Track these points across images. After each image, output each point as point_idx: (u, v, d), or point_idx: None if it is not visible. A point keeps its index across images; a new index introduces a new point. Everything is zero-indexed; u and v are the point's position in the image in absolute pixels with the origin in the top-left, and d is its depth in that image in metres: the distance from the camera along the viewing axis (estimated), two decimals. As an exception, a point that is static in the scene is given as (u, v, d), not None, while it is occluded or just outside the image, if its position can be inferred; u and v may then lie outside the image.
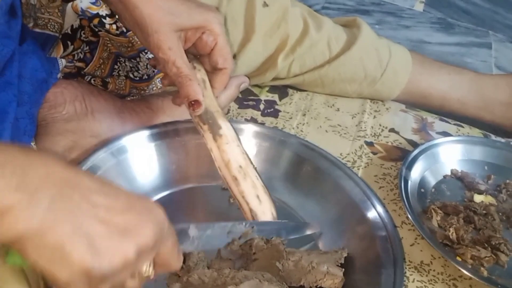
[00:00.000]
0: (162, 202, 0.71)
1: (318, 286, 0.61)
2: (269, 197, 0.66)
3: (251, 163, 0.67)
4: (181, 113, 0.81)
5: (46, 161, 0.40)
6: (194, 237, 0.60)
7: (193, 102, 0.64)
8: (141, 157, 0.73)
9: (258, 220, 0.64)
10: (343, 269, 0.61)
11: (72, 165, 0.42)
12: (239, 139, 0.67)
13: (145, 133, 0.74)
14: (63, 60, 0.75)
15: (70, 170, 0.41)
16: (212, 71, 0.69)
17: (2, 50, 0.60)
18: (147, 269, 0.47)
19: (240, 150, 0.66)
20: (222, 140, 0.66)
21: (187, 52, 0.66)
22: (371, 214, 0.68)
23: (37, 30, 0.73)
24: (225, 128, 0.66)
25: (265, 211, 0.65)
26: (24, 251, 0.39)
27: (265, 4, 0.89)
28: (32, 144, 0.67)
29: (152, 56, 0.78)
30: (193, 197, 0.74)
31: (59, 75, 0.74)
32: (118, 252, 0.41)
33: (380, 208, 0.68)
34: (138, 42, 0.77)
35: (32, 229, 0.38)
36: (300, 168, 0.75)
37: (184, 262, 0.63)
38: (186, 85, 0.63)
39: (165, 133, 0.75)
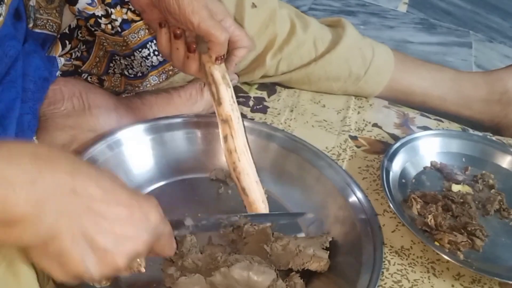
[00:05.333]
0: (154, 193, 0.75)
1: (305, 269, 0.64)
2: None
3: None
4: (173, 109, 0.85)
5: (53, 171, 0.42)
6: (190, 226, 0.64)
7: (222, 57, 0.67)
8: (135, 151, 0.76)
9: (251, 194, 0.68)
10: (328, 252, 0.65)
11: (79, 171, 0.44)
12: None
13: (140, 127, 0.78)
14: (62, 59, 0.78)
15: (77, 178, 0.43)
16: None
17: (9, 52, 0.64)
18: (138, 266, 0.51)
19: None
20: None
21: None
22: (352, 200, 0.72)
23: (36, 30, 0.76)
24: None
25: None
26: (29, 254, 0.44)
27: (254, 5, 0.93)
28: (34, 138, 0.70)
29: (146, 54, 0.82)
30: (184, 188, 0.78)
31: (57, 73, 0.78)
32: (109, 263, 0.45)
33: (359, 194, 0.72)
34: (133, 41, 0.80)
35: (37, 240, 0.42)
36: (285, 159, 0.79)
37: (177, 248, 0.67)
38: (223, 40, 0.65)
39: (158, 128, 0.79)
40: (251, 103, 0.99)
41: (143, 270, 0.52)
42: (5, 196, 0.39)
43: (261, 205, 0.69)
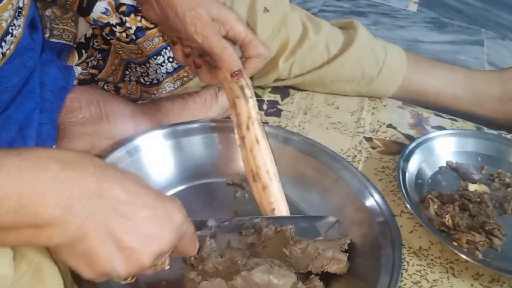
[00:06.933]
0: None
1: (324, 271, 0.65)
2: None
3: None
4: (188, 115, 0.86)
5: (81, 175, 0.44)
6: (212, 227, 0.65)
7: (236, 72, 0.68)
8: (154, 156, 0.77)
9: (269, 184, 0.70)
10: (347, 254, 0.65)
11: (105, 174, 0.46)
12: None
13: (157, 133, 0.78)
14: (78, 68, 0.79)
15: (103, 182, 0.45)
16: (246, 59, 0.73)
17: (27, 62, 0.65)
18: (163, 264, 0.53)
19: None
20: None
21: None
22: (369, 202, 0.72)
23: (53, 40, 0.78)
24: None
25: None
26: (57, 253, 0.46)
27: (266, 10, 0.93)
28: (54, 147, 0.71)
29: (161, 61, 0.83)
30: (202, 192, 0.78)
31: (74, 82, 0.79)
32: (136, 262, 0.47)
33: (377, 196, 0.72)
34: (148, 49, 0.81)
35: (65, 241, 0.44)
36: (301, 163, 0.79)
37: (199, 249, 0.67)
38: (227, 56, 0.67)
39: (175, 133, 0.79)
40: (264, 106, 0.99)
41: (167, 267, 0.53)
42: (36, 201, 0.42)
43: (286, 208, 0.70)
